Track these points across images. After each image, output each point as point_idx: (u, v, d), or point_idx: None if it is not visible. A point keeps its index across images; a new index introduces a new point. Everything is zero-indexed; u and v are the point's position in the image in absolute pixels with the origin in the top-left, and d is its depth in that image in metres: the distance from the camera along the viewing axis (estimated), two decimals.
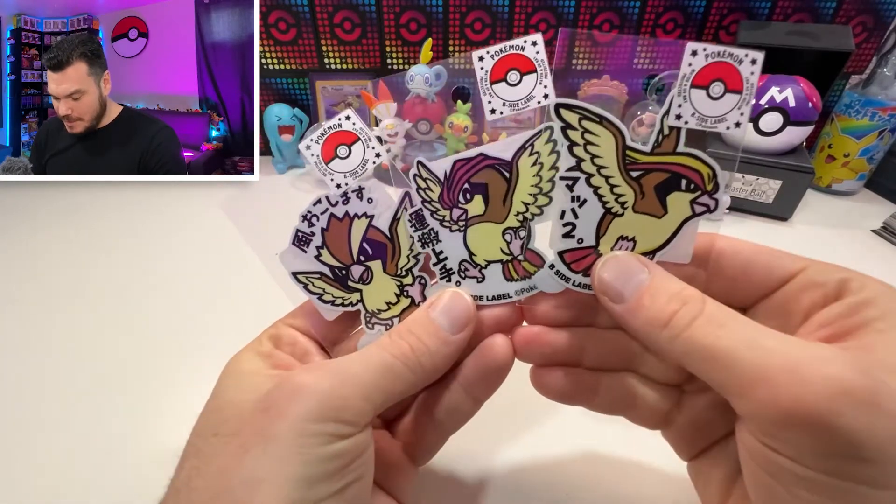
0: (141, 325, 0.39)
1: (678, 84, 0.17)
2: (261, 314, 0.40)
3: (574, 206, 0.18)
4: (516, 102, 0.18)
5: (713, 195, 0.18)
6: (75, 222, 0.54)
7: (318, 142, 0.19)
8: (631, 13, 0.62)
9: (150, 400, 0.32)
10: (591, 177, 0.18)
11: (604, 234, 0.19)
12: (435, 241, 0.20)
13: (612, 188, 0.18)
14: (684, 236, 0.18)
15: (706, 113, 0.17)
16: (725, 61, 0.16)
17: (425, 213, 0.20)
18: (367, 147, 0.19)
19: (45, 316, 0.40)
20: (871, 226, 0.54)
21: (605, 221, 0.18)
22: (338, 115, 0.20)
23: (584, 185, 0.18)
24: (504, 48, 0.18)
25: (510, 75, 0.18)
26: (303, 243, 0.20)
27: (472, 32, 0.64)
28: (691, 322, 0.15)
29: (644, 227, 0.18)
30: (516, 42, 0.17)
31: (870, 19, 0.62)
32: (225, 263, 0.47)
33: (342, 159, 0.19)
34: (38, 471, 0.28)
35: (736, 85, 0.16)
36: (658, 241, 0.18)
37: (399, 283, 0.21)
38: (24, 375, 0.34)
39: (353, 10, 0.62)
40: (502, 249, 0.20)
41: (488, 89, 0.18)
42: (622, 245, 0.19)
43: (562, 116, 0.18)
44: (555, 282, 0.20)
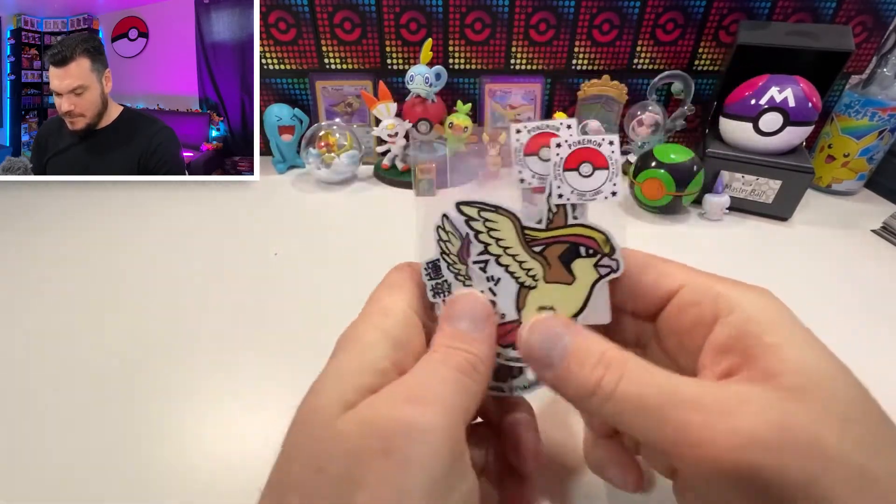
0: (141, 324, 0.39)
1: (552, 170, 0.19)
2: (261, 314, 0.40)
3: (491, 286, 0.20)
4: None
5: (612, 257, 0.19)
6: (75, 222, 0.54)
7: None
8: (631, 13, 0.62)
9: (151, 400, 0.32)
10: (499, 257, 0.20)
11: (524, 307, 0.20)
12: (447, 293, 0.20)
13: (521, 264, 0.20)
14: (598, 297, 0.20)
15: (583, 189, 0.19)
16: (588, 147, 0.19)
17: (443, 263, 0.20)
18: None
19: (44, 316, 0.40)
20: (870, 226, 0.54)
21: (521, 295, 0.20)
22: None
23: (494, 265, 0.20)
24: (541, 126, 0.19)
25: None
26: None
27: (472, 32, 0.64)
28: (616, 386, 0.16)
29: (559, 295, 0.20)
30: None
31: (870, 19, 0.62)
32: (225, 263, 0.47)
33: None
34: (38, 470, 0.28)
35: (602, 163, 0.19)
36: (575, 306, 0.20)
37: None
38: (24, 376, 0.34)
39: (353, 10, 0.62)
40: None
41: (521, 160, 0.19)
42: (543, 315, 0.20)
43: (463, 211, 0.19)
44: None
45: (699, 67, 0.66)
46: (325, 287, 0.43)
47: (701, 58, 0.66)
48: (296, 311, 0.40)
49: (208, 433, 0.30)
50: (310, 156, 0.60)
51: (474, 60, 0.66)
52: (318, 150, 0.60)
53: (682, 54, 0.65)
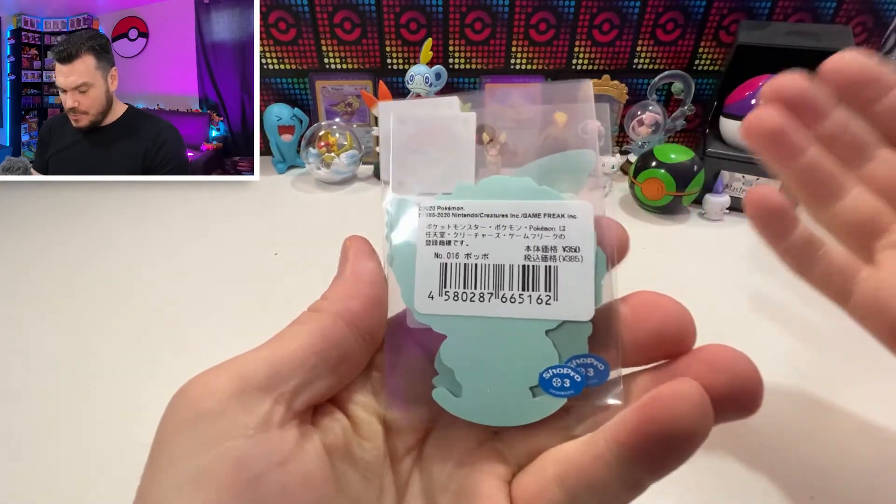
0: (140, 324, 0.39)
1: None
2: (261, 314, 0.40)
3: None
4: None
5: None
6: (74, 222, 0.54)
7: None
8: (631, 13, 0.62)
9: (151, 400, 0.32)
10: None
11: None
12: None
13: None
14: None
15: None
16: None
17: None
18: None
19: (44, 316, 0.40)
20: None
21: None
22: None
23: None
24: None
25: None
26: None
27: (472, 32, 0.64)
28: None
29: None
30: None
31: (870, 19, 0.62)
32: (225, 263, 0.47)
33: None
34: (38, 470, 0.28)
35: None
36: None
37: None
38: (25, 376, 0.34)
39: (353, 10, 0.62)
40: None
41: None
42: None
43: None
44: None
45: (699, 67, 0.66)
46: (324, 287, 0.43)
47: (701, 58, 0.66)
48: (296, 311, 0.40)
49: None
50: (310, 156, 0.60)
51: (474, 60, 0.66)
52: (317, 150, 0.60)
53: (683, 54, 0.65)
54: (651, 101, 0.63)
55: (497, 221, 0.15)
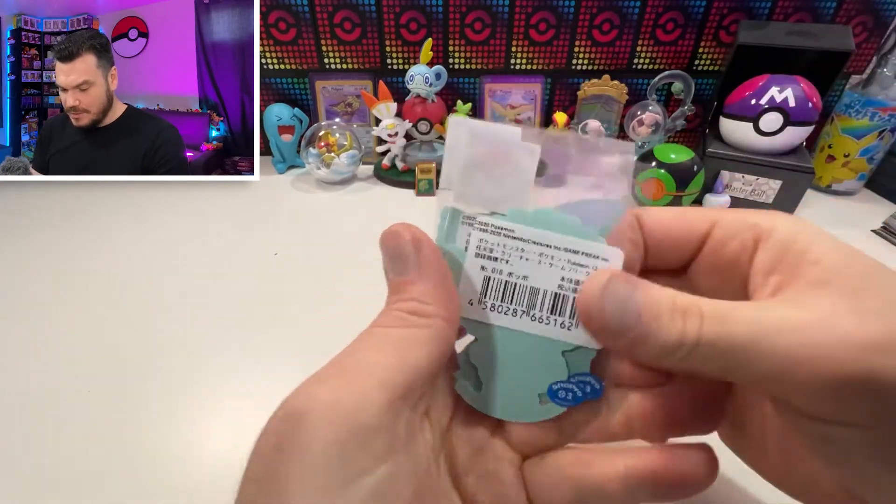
0: (140, 324, 0.39)
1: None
2: (261, 314, 0.40)
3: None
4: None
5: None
6: (74, 222, 0.54)
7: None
8: (631, 13, 0.62)
9: (152, 400, 0.32)
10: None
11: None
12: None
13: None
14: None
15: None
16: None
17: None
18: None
19: (45, 316, 0.40)
20: (871, 226, 0.54)
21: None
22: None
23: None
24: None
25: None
26: None
27: (472, 32, 0.64)
28: (699, 332, 0.14)
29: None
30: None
31: (870, 19, 0.62)
32: (225, 263, 0.47)
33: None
34: (38, 470, 0.28)
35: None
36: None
37: None
38: (25, 376, 0.34)
39: (353, 10, 0.62)
40: None
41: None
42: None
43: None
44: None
45: (699, 67, 0.66)
46: (325, 287, 0.43)
47: (701, 58, 0.66)
48: (296, 311, 0.40)
49: (209, 432, 0.30)
50: (310, 156, 0.60)
51: (474, 60, 0.66)
52: (317, 150, 0.60)
53: (683, 54, 0.65)
54: (651, 101, 0.63)
55: (541, 250, 0.17)
